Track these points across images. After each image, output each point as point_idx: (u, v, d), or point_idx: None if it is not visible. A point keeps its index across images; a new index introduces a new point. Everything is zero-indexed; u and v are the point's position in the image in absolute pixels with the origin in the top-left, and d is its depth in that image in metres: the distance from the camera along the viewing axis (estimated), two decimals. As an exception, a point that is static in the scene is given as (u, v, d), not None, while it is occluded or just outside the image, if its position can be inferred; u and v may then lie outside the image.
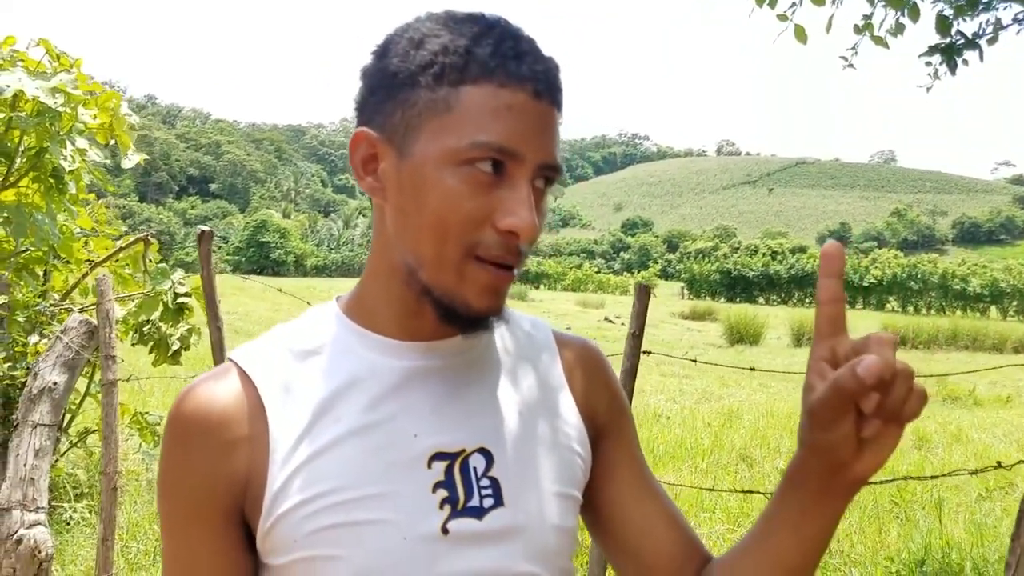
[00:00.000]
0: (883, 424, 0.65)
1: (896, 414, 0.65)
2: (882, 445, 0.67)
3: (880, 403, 0.64)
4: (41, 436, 3.19)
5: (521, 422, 0.85)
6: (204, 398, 0.79)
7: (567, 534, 0.85)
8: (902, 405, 0.64)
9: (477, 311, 0.78)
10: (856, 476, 0.69)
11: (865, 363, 0.62)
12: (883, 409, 0.64)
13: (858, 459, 0.68)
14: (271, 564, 0.79)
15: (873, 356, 0.62)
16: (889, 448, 0.67)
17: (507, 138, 0.74)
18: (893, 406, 0.64)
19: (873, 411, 0.64)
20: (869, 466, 0.68)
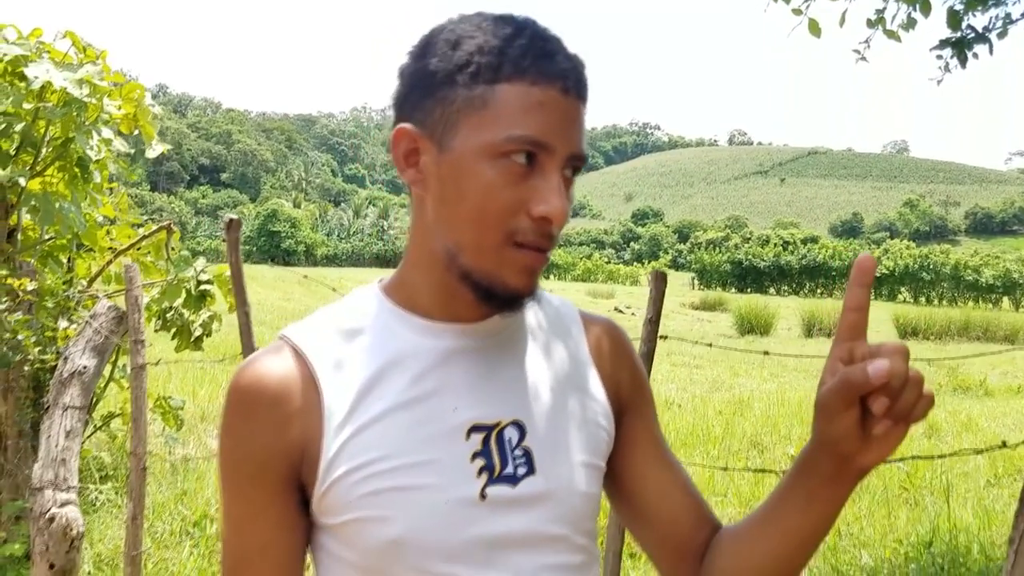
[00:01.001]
0: (890, 426, 0.72)
1: (904, 416, 0.71)
2: (886, 442, 0.73)
3: (889, 407, 0.70)
4: (71, 418, 3.28)
5: (551, 397, 0.92)
6: (261, 373, 0.86)
7: (592, 500, 0.93)
8: (911, 408, 0.71)
9: (515, 291, 0.85)
10: (861, 466, 0.76)
11: (876, 365, 0.69)
12: (892, 412, 0.71)
13: (863, 452, 0.74)
14: (326, 524, 0.87)
15: (885, 360, 0.69)
16: (893, 445, 0.74)
17: (539, 132, 0.81)
18: (902, 409, 0.70)
19: (883, 412, 0.71)
20: (873, 459, 0.75)
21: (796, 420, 7.25)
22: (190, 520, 4.05)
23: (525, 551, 0.86)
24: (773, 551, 0.87)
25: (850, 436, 0.73)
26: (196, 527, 3.98)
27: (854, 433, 0.73)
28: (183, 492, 4.40)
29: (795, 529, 0.84)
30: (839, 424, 0.73)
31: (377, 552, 0.84)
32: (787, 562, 0.87)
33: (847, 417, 0.72)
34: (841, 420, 0.73)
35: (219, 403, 6.46)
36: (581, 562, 0.91)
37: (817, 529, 0.84)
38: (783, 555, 0.87)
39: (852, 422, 0.72)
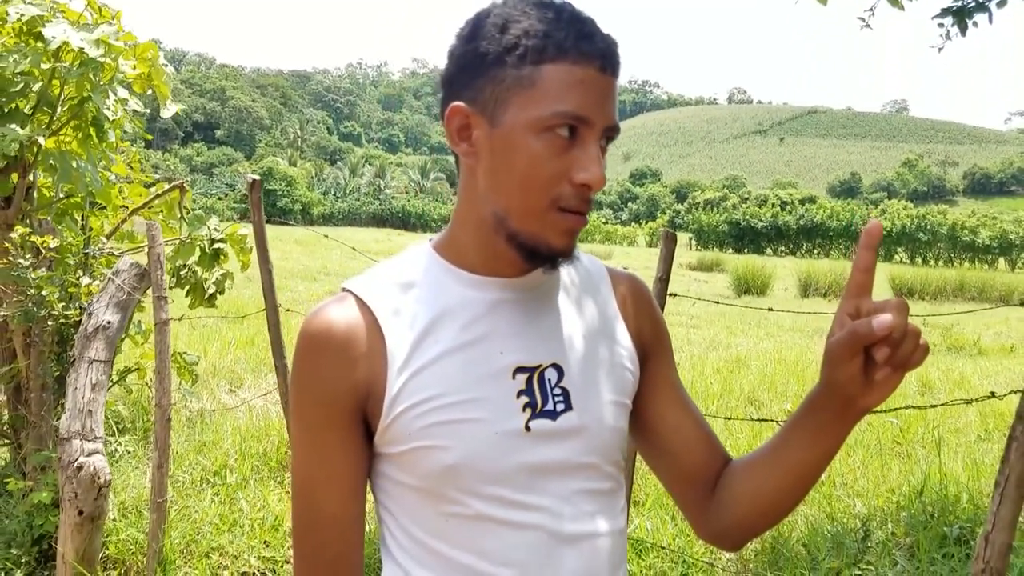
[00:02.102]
0: (889, 372, 0.83)
1: (903, 363, 0.81)
2: (885, 385, 0.84)
3: (890, 355, 0.80)
4: (97, 371, 3.40)
5: (584, 343, 1.04)
6: (331, 320, 0.97)
7: (620, 433, 1.05)
8: (909, 356, 0.81)
9: (558, 251, 0.96)
10: (862, 407, 0.88)
11: (880, 319, 0.79)
12: (892, 360, 0.81)
13: (864, 395, 0.85)
14: (388, 453, 0.98)
15: (888, 315, 0.79)
16: (891, 388, 0.85)
17: (581, 107, 0.92)
18: (901, 357, 0.81)
19: (884, 360, 0.81)
20: (873, 400, 0.87)
21: (792, 377, 7.40)
22: (210, 470, 4.20)
23: (562, 477, 0.98)
24: (779, 481, 0.99)
25: (854, 381, 0.84)
26: (216, 476, 4.13)
27: (858, 378, 0.84)
28: (201, 443, 4.54)
29: (800, 461, 0.96)
30: (845, 370, 0.84)
31: (435, 476, 0.95)
32: (790, 491, 1.00)
33: (853, 364, 0.83)
34: (847, 367, 0.84)
35: (230, 359, 6.61)
36: (610, 488, 1.04)
37: (819, 462, 0.96)
38: (787, 484, 0.99)
39: (857, 369, 0.83)
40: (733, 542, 1.09)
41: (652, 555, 3.36)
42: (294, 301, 11.00)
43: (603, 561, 1.01)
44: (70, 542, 3.18)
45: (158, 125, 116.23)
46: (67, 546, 3.18)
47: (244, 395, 5.58)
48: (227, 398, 5.51)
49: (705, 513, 1.08)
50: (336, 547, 0.99)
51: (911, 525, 3.52)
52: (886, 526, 3.54)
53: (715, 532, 1.09)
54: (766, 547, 3.48)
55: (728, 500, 1.05)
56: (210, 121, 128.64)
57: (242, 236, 4.40)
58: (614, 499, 1.05)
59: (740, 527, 1.05)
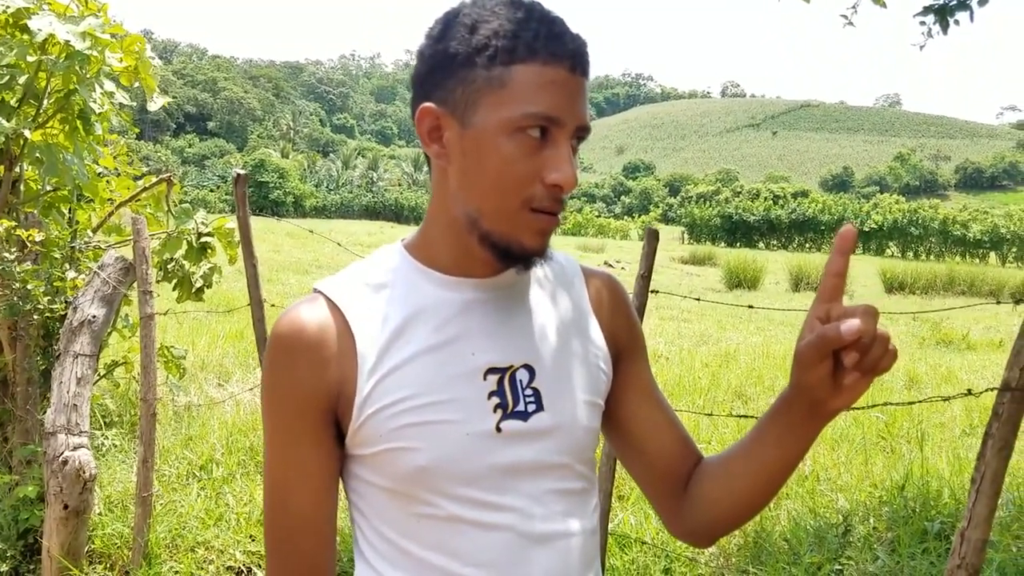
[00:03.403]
0: (858, 377, 0.84)
1: (871, 368, 0.82)
2: (854, 390, 0.85)
3: (859, 361, 0.81)
4: (82, 365, 3.40)
5: (557, 342, 1.04)
6: (301, 321, 0.97)
7: (592, 433, 1.06)
8: (878, 361, 0.82)
9: (530, 251, 0.96)
10: (831, 409, 0.89)
11: (848, 323, 0.80)
12: (861, 364, 0.82)
13: (833, 398, 0.86)
14: (359, 454, 0.99)
15: (857, 320, 0.80)
16: (859, 392, 0.86)
17: (552, 108, 0.92)
18: (870, 362, 0.82)
19: (852, 365, 0.82)
20: (842, 404, 0.87)
21: (780, 372, 7.43)
22: (196, 464, 4.20)
23: (534, 477, 0.99)
24: (750, 479, 1.01)
25: (823, 384, 0.85)
26: (203, 470, 4.13)
27: (827, 382, 0.85)
28: (188, 438, 4.53)
29: (770, 461, 0.98)
30: (814, 373, 0.85)
31: (406, 478, 0.96)
32: (761, 489, 1.01)
33: (821, 368, 0.84)
34: (816, 370, 0.84)
35: (218, 353, 6.60)
36: (581, 488, 1.04)
37: (789, 461, 0.97)
38: (758, 483, 1.00)
39: (825, 372, 0.84)
40: (706, 539, 1.10)
41: (635, 550, 3.38)
42: (285, 295, 10.97)
43: (575, 561, 1.01)
44: (55, 536, 3.19)
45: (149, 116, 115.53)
46: (52, 540, 3.18)
47: (232, 389, 5.58)
48: (215, 392, 5.51)
49: (678, 511, 1.09)
50: (309, 547, 0.99)
51: (892, 520, 3.55)
52: (868, 521, 3.57)
53: (688, 529, 1.10)
54: (748, 541, 3.50)
55: (700, 498, 1.06)
56: (202, 112, 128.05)
57: (230, 230, 4.39)
58: (586, 499, 1.05)
59: (713, 524, 1.07)
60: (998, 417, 1.95)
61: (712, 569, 3.34)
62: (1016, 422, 1.94)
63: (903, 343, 10.71)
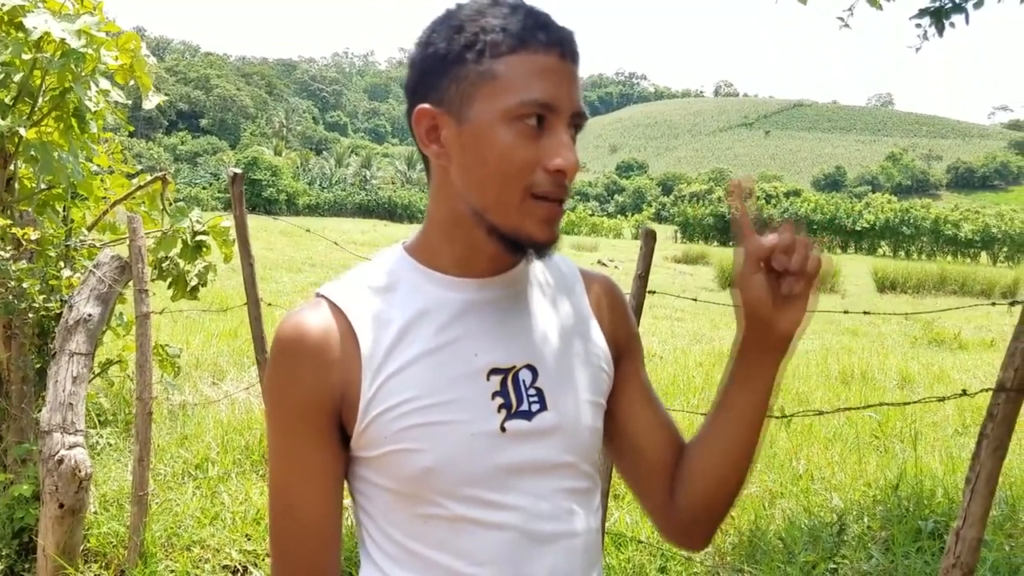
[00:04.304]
0: (795, 280, 0.92)
1: (801, 269, 0.91)
2: (796, 303, 0.94)
3: (786, 264, 0.91)
4: (78, 364, 3.39)
5: (559, 343, 1.05)
6: (304, 325, 0.98)
7: (596, 433, 1.07)
8: (803, 264, 0.90)
9: (539, 241, 0.97)
10: (783, 331, 0.96)
11: (769, 236, 0.92)
12: (791, 267, 0.91)
13: (780, 315, 0.94)
14: (364, 456, 0.99)
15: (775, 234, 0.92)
16: (802, 305, 0.94)
17: (546, 94, 0.93)
18: (796, 265, 0.90)
19: (782, 268, 0.91)
20: (790, 321, 0.95)
21: (774, 371, 7.43)
22: (191, 463, 4.19)
23: (539, 476, 1.00)
24: (728, 438, 1.03)
25: (762, 299, 0.94)
26: (198, 469, 4.13)
27: (765, 296, 0.93)
28: (183, 436, 4.53)
29: (742, 404, 1.02)
30: (753, 289, 0.93)
31: (411, 479, 0.96)
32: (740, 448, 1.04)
33: (757, 282, 0.93)
34: (752, 285, 0.94)
35: (212, 351, 6.59)
36: (586, 487, 1.05)
37: (757, 407, 1.01)
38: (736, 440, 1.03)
39: (761, 285, 0.93)
40: (699, 536, 1.11)
41: (631, 548, 3.39)
42: (278, 293, 10.97)
43: (578, 560, 1.02)
44: (51, 535, 3.18)
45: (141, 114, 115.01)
46: (48, 539, 3.18)
47: (226, 388, 5.57)
48: (209, 391, 5.50)
49: (668, 508, 1.11)
50: (314, 550, 1.00)
51: (887, 519, 3.57)
52: (862, 520, 3.59)
53: (679, 526, 1.11)
54: (743, 540, 3.52)
55: (685, 481, 1.08)
56: (194, 110, 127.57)
57: (225, 228, 4.38)
58: (590, 498, 1.06)
59: (700, 508, 1.07)
60: (993, 418, 1.96)
61: (707, 568, 3.36)
62: (1011, 422, 1.95)
63: (895, 342, 10.76)
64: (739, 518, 3.67)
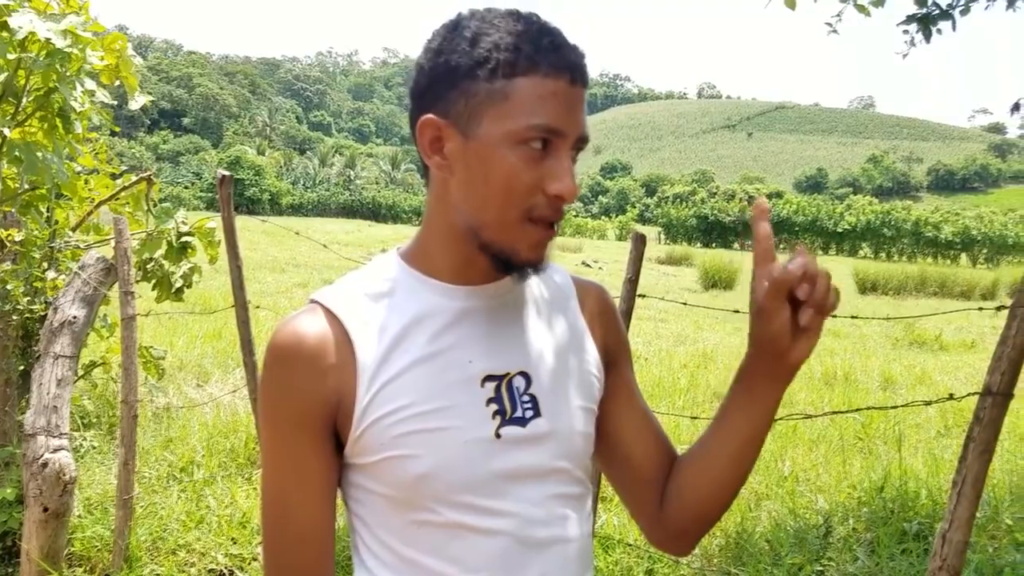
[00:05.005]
0: (812, 314, 0.89)
1: (821, 304, 0.89)
2: (810, 335, 0.91)
3: (810, 293, 0.88)
4: (62, 367, 3.36)
5: (552, 350, 1.06)
6: (300, 331, 0.98)
7: (588, 439, 1.08)
8: (825, 296, 0.89)
9: (529, 262, 0.98)
10: (792, 362, 0.94)
11: (794, 261, 0.89)
12: (812, 298, 0.89)
13: (793, 348, 0.92)
14: (359, 463, 0.99)
15: (800, 258, 0.89)
16: (814, 338, 0.93)
17: (554, 120, 0.93)
18: (819, 296, 0.88)
19: (806, 296, 0.89)
20: (800, 353, 0.93)
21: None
22: (176, 466, 4.17)
23: (533, 482, 1.00)
24: (724, 457, 1.03)
25: (784, 331, 0.91)
26: (183, 472, 4.10)
27: (787, 328, 0.91)
28: (168, 439, 4.50)
29: (742, 426, 1.01)
30: (776, 321, 0.91)
31: (406, 485, 0.97)
32: (734, 467, 1.04)
33: (782, 314, 0.91)
34: (777, 317, 0.91)
35: (197, 353, 6.55)
36: (579, 493, 1.06)
37: (757, 429, 1.01)
38: (731, 460, 1.03)
39: (786, 318, 0.91)
40: (685, 543, 1.12)
41: (619, 551, 3.40)
42: (262, 293, 10.90)
43: (572, 566, 1.03)
44: (35, 539, 3.15)
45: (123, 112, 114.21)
46: (32, 543, 3.15)
47: (211, 390, 5.54)
48: (194, 393, 5.47)
49: (657, 515, 1.11)
50: (309, 558, 0.99)
51: (871, 521, 3.60)
52: (847, 522, 3.62)
53: (668, 534, 1.11)
54: (730, 542, 3.54)
55: (678, 491, 1.08)
56: (177, 109, 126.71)
57: (210, 230, 4.36)
58: (583, 503, 1.07)
59: (692, 520, 1.08)
60: (979, 421, 1.98)
61: (694, 570, 3.37)
62: (997, 426, 1.97)
63: (877, 344, 10.84)
64: (726, 520, 3.68)
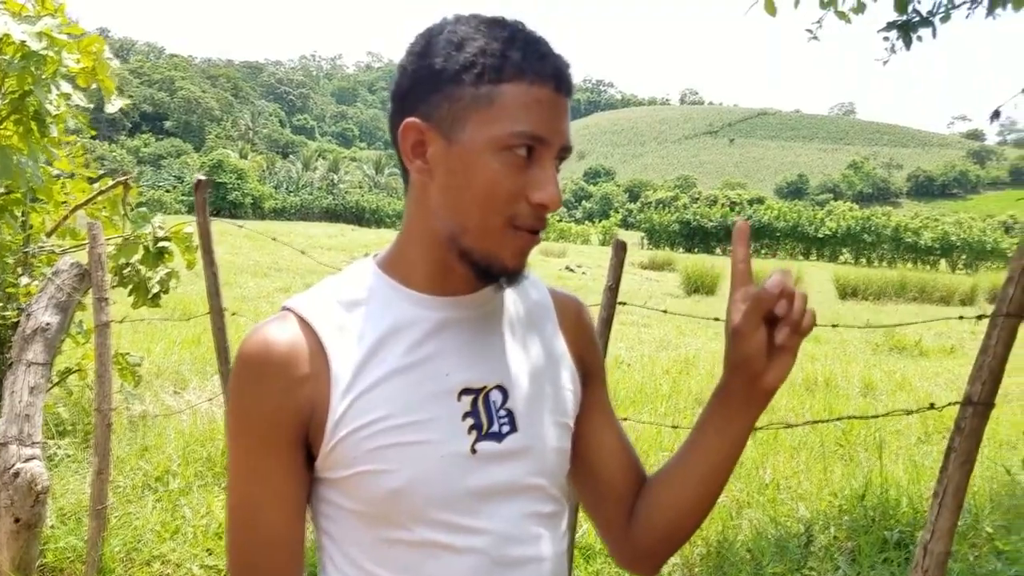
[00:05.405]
0: (789, 333, 0.90)
1: (797, 323, 0.89)
2: (785, 357, 0.91)
3: (787, 312, 0.88)
4: (35, 374, 3.31)
5: (529, 364, 1.04)
6: (271, 340, 0.95)
7: (564, 455, 1.06)
8: (801, 317, 0.89)
9: (510, 270, 0.97)
10: (767, 386, 0.94)
11: (771, 280, 0.89)
12: (789, 317, 0.89)
13: (768, 370, 0.92)
14: (331, 478, 0.96)
15: (775, 276, 0.89)
16: (790, 361, 0.93)
17: (539, 127, 0.92)
18: (796, 315, 0.88)
19: (783, 315, 0.89)
20: (776, 377, 0.93)
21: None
22: (152, 475, 4.10)
23: (508, 500, 0.98)
24: (695, 479, 1.02)
25: (760, 353, 0.91)
26: (158, 481, 4.04)
27: (763, 350, 0.91)
28: (144, 448, 4.43)
29: (714, 451, 1.00)
30: (752, 342, 0.91)
31: (380, 501, 0.94)
32: (705, 490, 1.03)
33: (758, 335, 0.91)
34: (754, 338, 0.91)
35: (174, 359, 6.48)
36: (554, 511, 1.04)
37: (730, 453, 1.00)
38: (702, 482, 1.02)
39: (762, 339, 0.91)
40: (651, 565, 1.10)
41: (599, 561, 3.38)
42: (243, 298, 10.81)
43: None
44: (6, 550, 3.10)
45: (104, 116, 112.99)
46: (3, 554, 3.09)
47: (189, 397, 5.47)
48: (171, 400, 5.40)
49: (625, 534, 1.10)
50: (278, 559, 0.97)
51: (853, 529, 3.59)
52: (828, 530, 3.61)
53: (635, 553, 1.10)
54: (711, 551, 3.52)
55: (648, 513, 1.07)
56: (159, 112, 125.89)
57: (187, 234, 4.31)
58: (557, 521, 1.05)
59: (660, 541, 1.07)
60: (960, 431, 1.97)
61: (676, 580, 3.36)
62: (978, 436, 1.96)
63: (858, 349, 10.89)
64: (707, 528, 3.67)
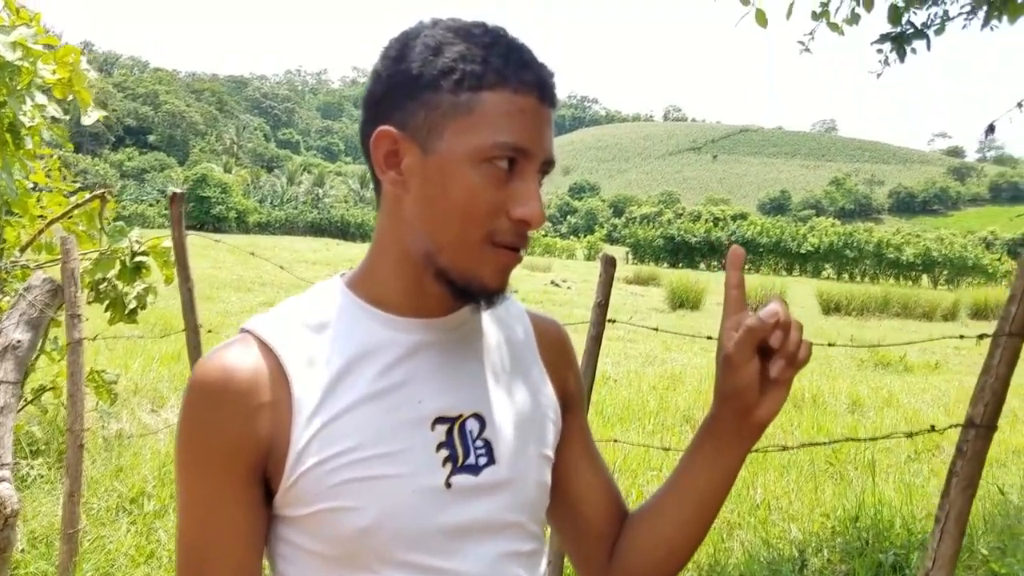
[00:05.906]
0: (783, 366, 0.83)
1: (792, 356, 0.84)
2: (778, 391, 0.86)
3: (783, 343, 0.83)
4: (6, 393, 3.19)
5: (507, 391, 0.97)
6: (229, 365, 0.87)
7: (544, 488, 0.99)
8: (796, 348, 0.83)
9: (490, 289, 0.89)
10: (759, 420, 0.89)
11: (767, 309, 0.84)
12: (784, 349, 0.83)
13: (760, 404, 0.87)
14: (290, 515, 0.88)
15: (772, 305, 0.84)
16: (783, 394, 0.87)
17: (521, 138, 0.85)
18: (791, 348, 0.83)
19: (779, 346, 0.83)
20: (768, 411, 0.87)
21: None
22: (127, 497, 3.98)
23: (485, 538, 0.91)
24: (682, 517, 0.96)
25: (752, 386, 0.85)
26: (133, 504, 3.92)
27: (755, 383, 0.85)
28: (118, 468, 4.31)
29: (703, 485, 0.94)
30: (744, 374, 0.85)
31: (346, 541, 0.86)
32: (692, 525, 0.96)
33: (751, 366, 0.85)
34: (746, 370, 0.85)
35: (152, 376, 6.34)
36: (532, 549, 0.96)
37: (720, 488, 0.94)
38: (690, 520, 0.96)
39: (755, 371, 0.85)
40: None
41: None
42: (226, 313, 10.67)
43: None
44: (-28, 577, 2.98)
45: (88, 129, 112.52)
46: (-32, 582, 2.97)
47: (167, 415, 5.35)
48: (148, 419, 5.27)
49: (605, 573, 1.03)
50: None
51: (847, 552, 3.53)
52: (822, 552, 3.54)
53: None
54: (703, 575, 3.45)
55: (629, 549, 1.01)
56: (143, 126, 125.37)
57: (165, 249, 4.21)
58: (536, 561, 0.98)
59: None
60: (962, 454, 1.91)
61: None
62: (981, 459, 1.90)
63: (843, 365, 10.87)
64: (697, 551, 3.59)
